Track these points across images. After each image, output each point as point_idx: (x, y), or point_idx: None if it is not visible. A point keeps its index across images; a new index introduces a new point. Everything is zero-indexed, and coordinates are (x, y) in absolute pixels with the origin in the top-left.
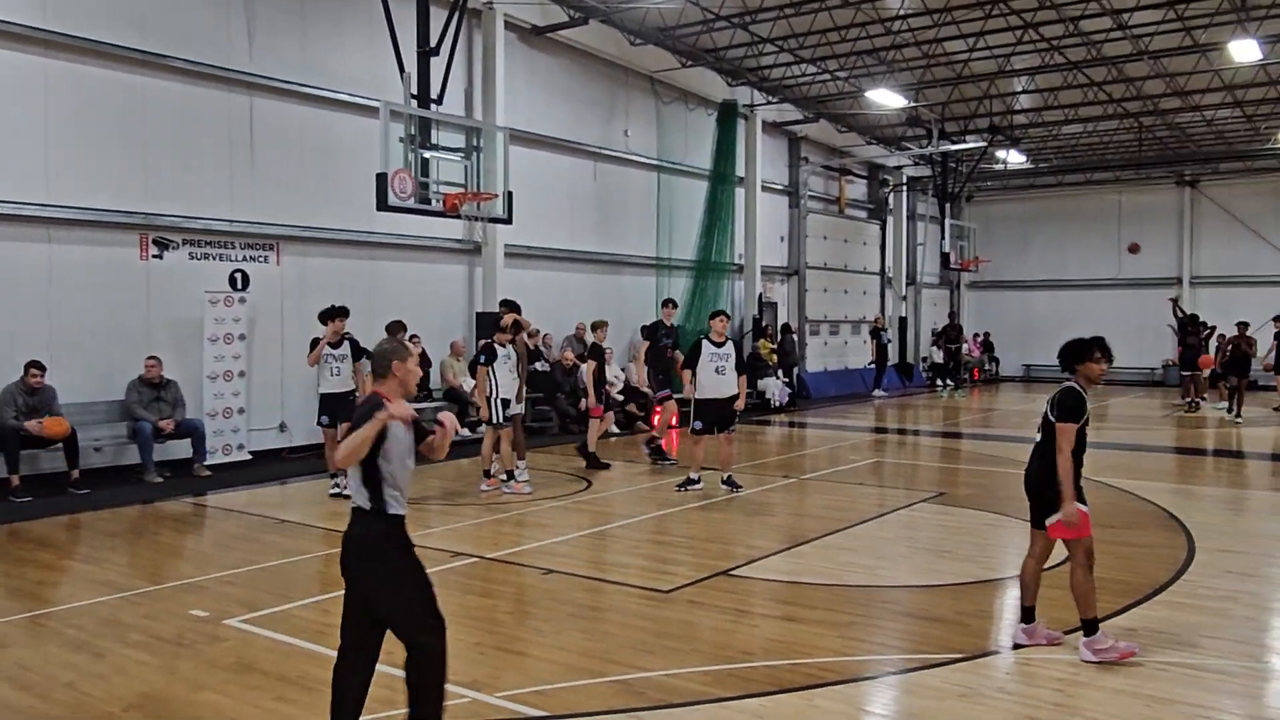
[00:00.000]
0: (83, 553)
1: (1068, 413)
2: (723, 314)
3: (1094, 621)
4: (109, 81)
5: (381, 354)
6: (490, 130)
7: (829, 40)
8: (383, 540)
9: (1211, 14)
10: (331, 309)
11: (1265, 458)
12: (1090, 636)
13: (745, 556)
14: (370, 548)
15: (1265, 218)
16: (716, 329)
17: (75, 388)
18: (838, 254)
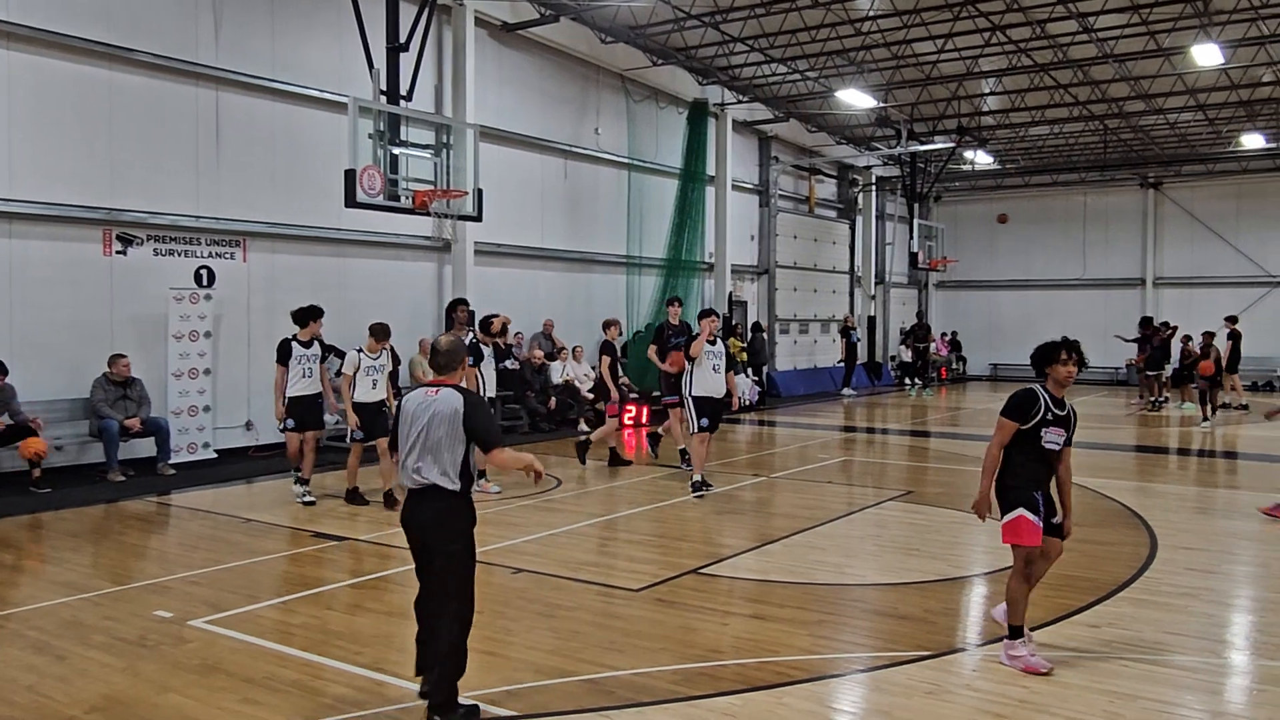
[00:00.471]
0: (44, 553)
1: (1009, 410)
2: (712, 312)
3: (1018, 629)
4: (72, 74)
5: (453, 349)
6: (460, 127)
7: (799, 40)
8: (467, 518)
9: (1175, 19)
10: (312, 309)
11: (1226, 456)
12: (1010, 640)
13: (715, 555)
14: (454, 523)
15: (1226, 220)
16: (708, 328)
17: (37, 386)
18: (807, 253)
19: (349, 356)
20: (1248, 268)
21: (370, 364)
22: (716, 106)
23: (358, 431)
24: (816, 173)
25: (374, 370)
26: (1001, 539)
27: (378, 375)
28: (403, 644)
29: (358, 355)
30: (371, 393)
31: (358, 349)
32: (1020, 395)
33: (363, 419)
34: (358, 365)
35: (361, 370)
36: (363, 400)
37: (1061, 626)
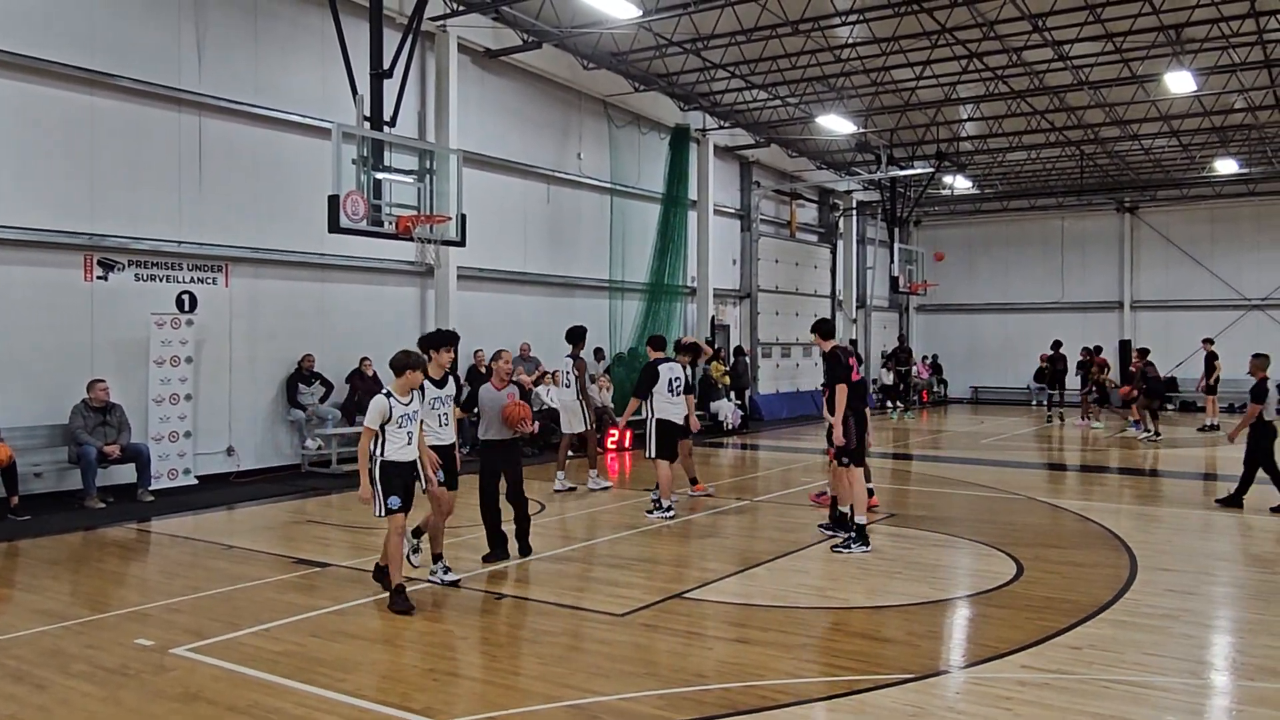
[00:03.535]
0: (23, 581)
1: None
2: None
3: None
4: (54, 100)
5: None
6: (443, 153)
7: (780, 67)
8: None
9: (1148, 46)
10: (444, 334)
11: (1200, 477)
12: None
13: (698, 579)
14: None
15: (1201, 244)
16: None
17: (15, 411)
18: (789, 277)
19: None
20: (1223, 291)
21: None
22: (698, 132)
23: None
24: (798, 197)
25: (439, 403)
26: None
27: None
28: (386, 670)
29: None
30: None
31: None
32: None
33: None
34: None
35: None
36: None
37: (1043, 648)
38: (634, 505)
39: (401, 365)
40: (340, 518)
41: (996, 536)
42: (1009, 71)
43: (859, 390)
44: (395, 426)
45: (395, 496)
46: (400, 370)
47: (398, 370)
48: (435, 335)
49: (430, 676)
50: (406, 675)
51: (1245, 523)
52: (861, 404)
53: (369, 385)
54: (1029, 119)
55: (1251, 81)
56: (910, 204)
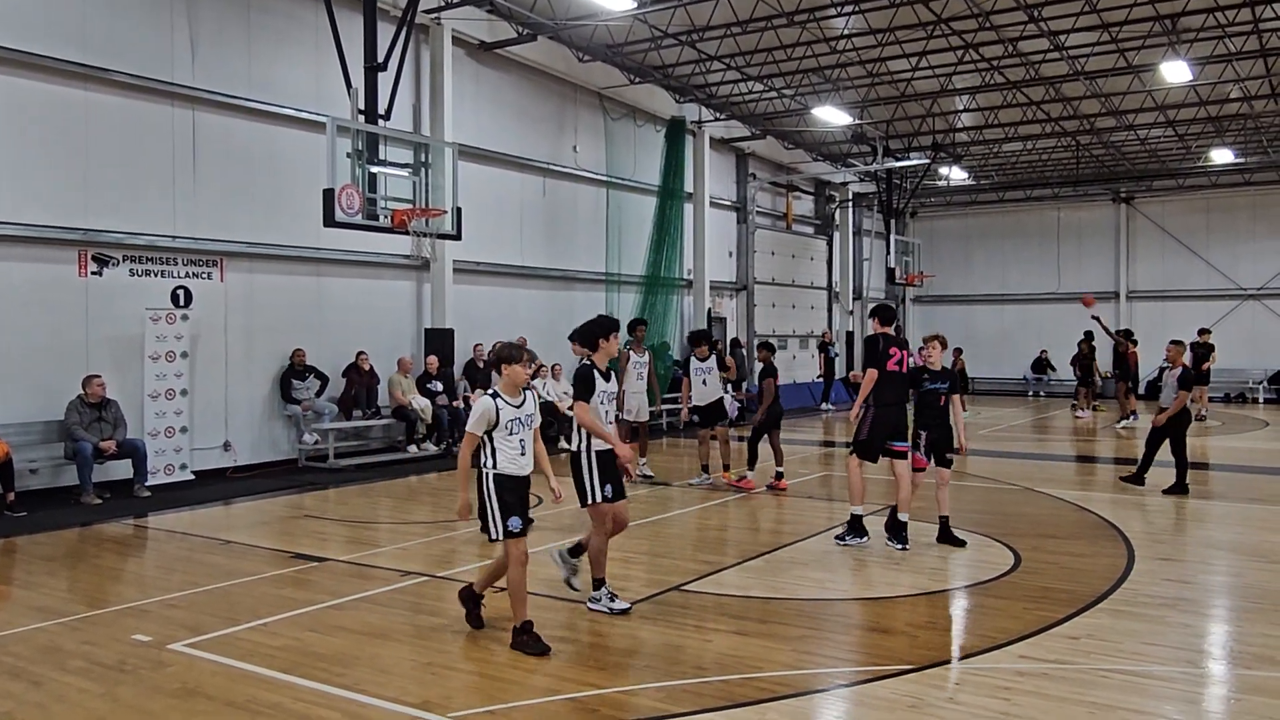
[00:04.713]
0: (19, 577)
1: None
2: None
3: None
4: (48, 94)
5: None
6: (438, 146)
7: (775, 58)
8: None
9: (1144, 36)
10: (609, 319)
11: (1198, 467)
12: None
13: (697, 572)
14: None
15: (1196, 233)
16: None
17: (11, 408)
18: (785, 269)
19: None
20: (1218, 281)
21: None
22: (694, 124)
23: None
24: (794, 189)
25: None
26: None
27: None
28: (384, 664)
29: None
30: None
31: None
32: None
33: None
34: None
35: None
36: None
37: (1042, 638)
38: (632, 499)
39: (500, 359)
40: (337, 512)
41: (994, 527)
42: (1005, 62)
43: (893, 381)
44: (505, 433)
45: (516, 517)
46: (499, 365)
47: (496, 366)
48: (606, 321)
49: (428, 670)
50: (404, 669)
51: (1241, 512)
52: (899, 397)
53: (365, 379)
54: (1025, 109)
55: (1247, 71)
56: (906, 195)
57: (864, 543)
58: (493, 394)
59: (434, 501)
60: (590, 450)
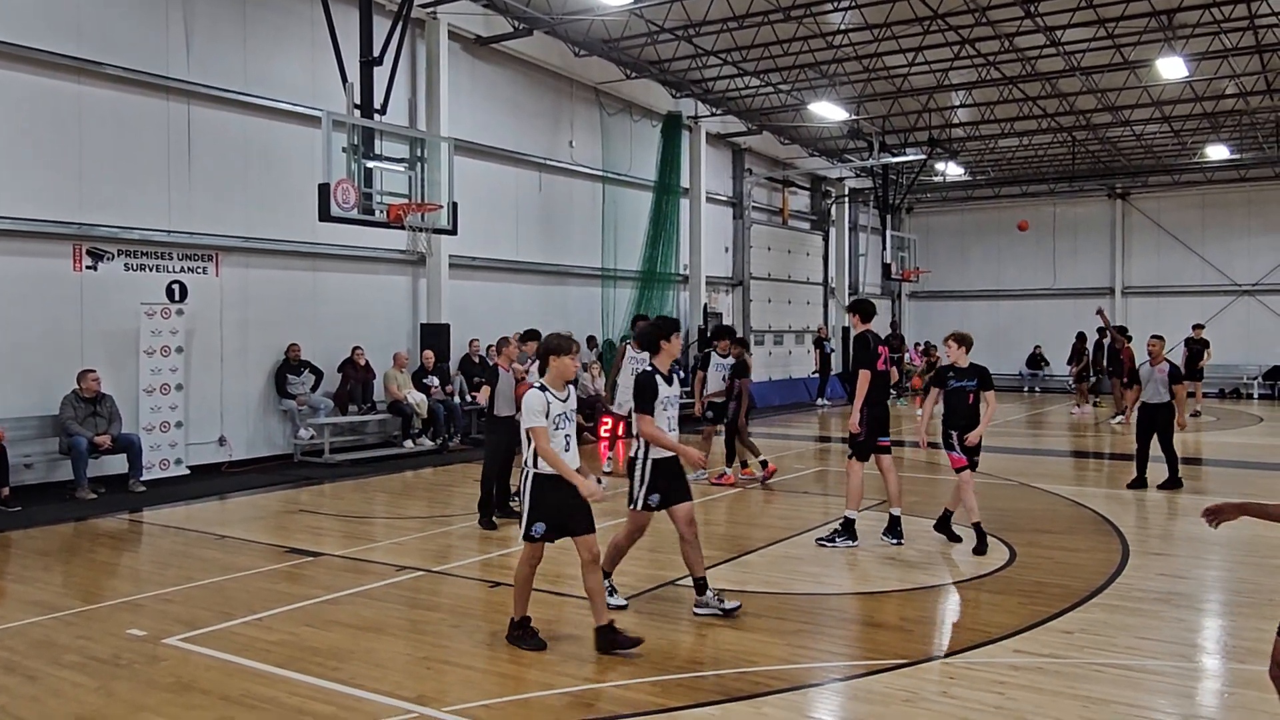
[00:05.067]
0: (13, 572)
1: None
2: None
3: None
4: (42, 88)
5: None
6: (434, 141)
7: (771, 53)
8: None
9: (1140, 32)
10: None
11: (1191, 463)
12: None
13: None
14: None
15: (1192, 229)
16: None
17: (5, 402)
18: (781, 265)
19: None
20: (1213, 276)
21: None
22: (690, 119)
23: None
24: (790, 185)
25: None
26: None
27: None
28: (380, 659)
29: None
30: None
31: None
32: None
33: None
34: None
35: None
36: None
37: (1036, 633)
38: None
39: (549, 350)
40: (333, 507)
41: (989, 522)
42: (1001, 58)
43: (882, 379)
44: (551, 428)
45: (541, 523)
46: (546, 357)
47: (544, 356)
48: (668, 321)
49: (424, 665)
50: (400, 664)
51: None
52: (882, 395)
53: (361, 374)
54: (1021, 105)
55: (1243, 67)
56: (902, 191)
57: (853, 546)
58: (540, 387)
59: (429, 496)
60: (648, 458)
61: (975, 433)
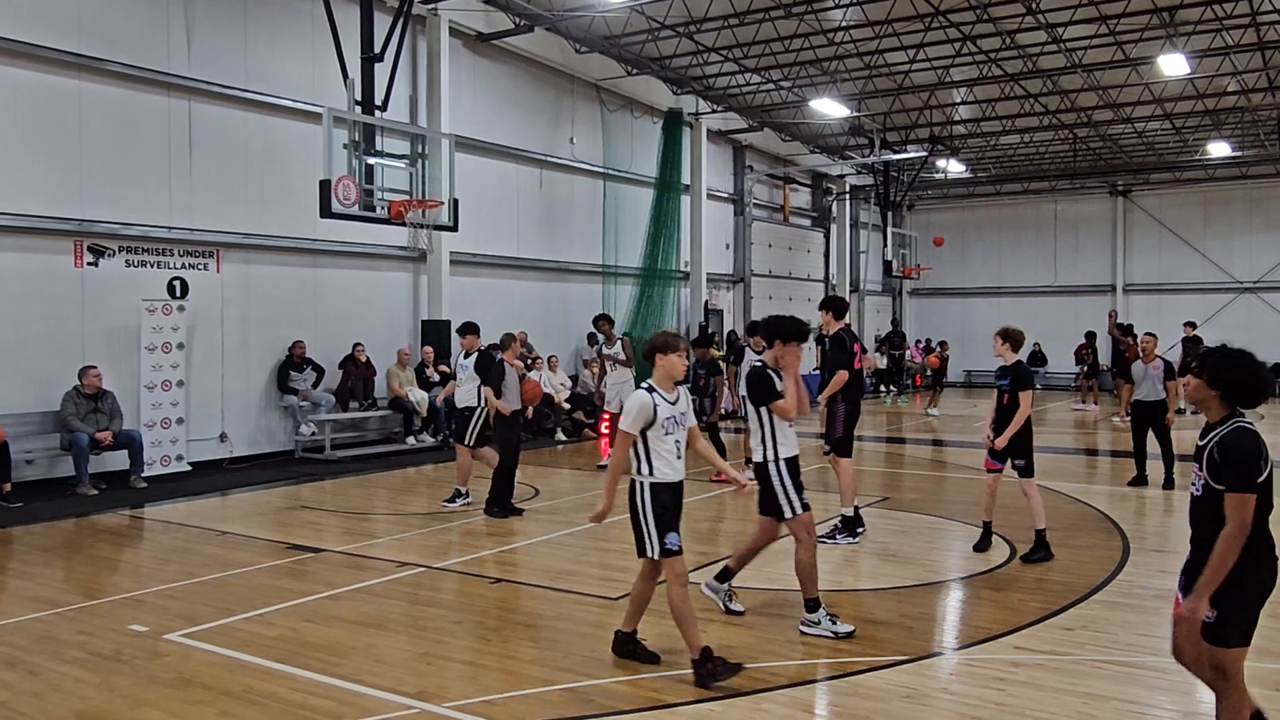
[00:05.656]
0: (15, 568)
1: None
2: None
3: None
4: (42, 85)
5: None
6: (435, 137)
7: (773, 50)
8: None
9: (1142, 29)
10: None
11: (1192, 461)
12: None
13: (692, 563)
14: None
15: (1193, 227)
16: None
17: (7, 399)
18: (782, 261)
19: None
20: (1214, 274)
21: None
22: (691, 116)
23: None
24: (791, 181)
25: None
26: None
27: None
28: (380, 655)
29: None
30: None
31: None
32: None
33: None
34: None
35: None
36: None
37: (1036, 629)
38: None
39: (655, 347)
40: (334, 503)
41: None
42: (1002, 55)
43: (860, 377)
44: (661, 433)
45: (674, 533)
46: (649, 357)
47: (649, 355)
48: (798, 324)
49: (424, 661)
50: (400, 659)
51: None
52: (858, 393)
53: (362, 371)
54: (1022, 102)
55: (1245, 64)
56: (903, 188)
57: (854, 542)
58: (648, 388)
59: (430, 493)
60: (779, 459)
61: (1002, 436)
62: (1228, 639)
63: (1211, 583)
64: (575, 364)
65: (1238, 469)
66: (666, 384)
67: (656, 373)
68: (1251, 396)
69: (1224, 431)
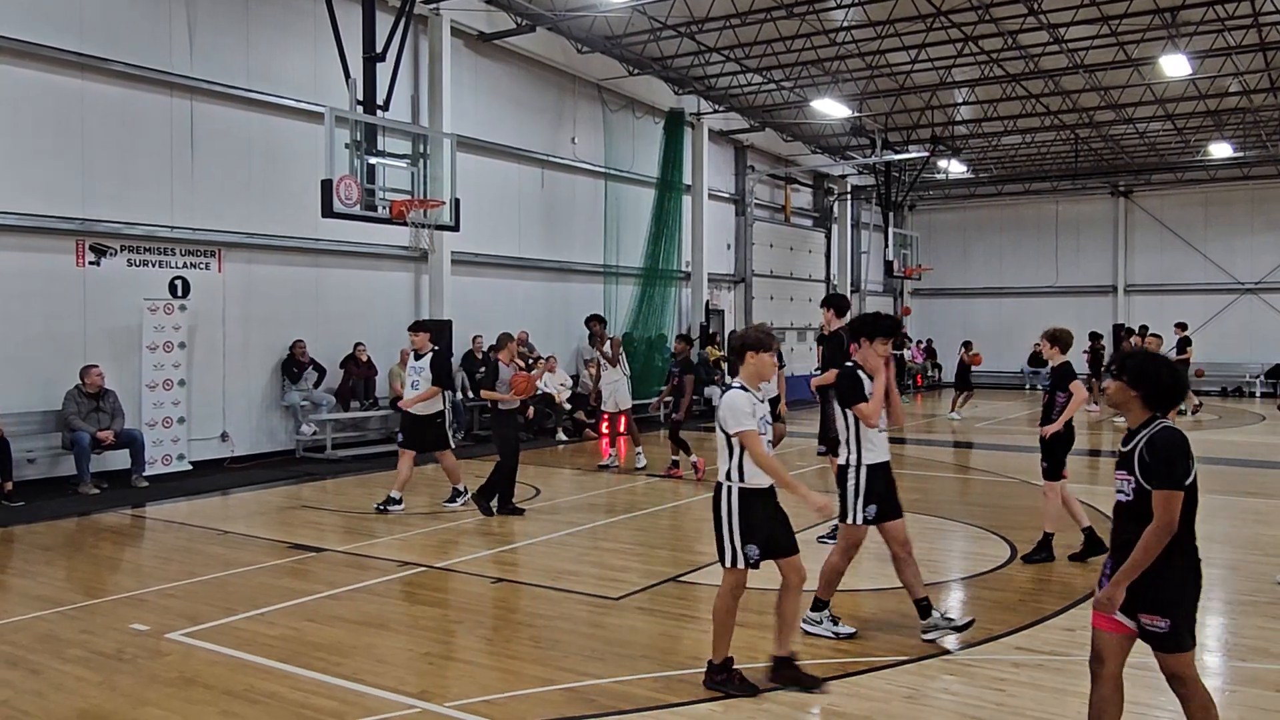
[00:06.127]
0: (17, 567)
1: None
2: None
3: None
4: (45, 84)
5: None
6: (437, 137)
7: (774, 50)
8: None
9: (1143, 30)
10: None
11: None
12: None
13: (694, 563)
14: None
15: (1194, 227)
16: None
17: (8, 398)
18: (783, 262)
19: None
20: (1216, 274)
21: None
22: (693, 116)
23: None
24: (792, 182)
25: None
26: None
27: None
28: (382, 654)
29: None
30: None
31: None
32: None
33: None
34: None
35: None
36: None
37: (1037, 630)
38: (629, 490)
39: (747, 345)
40: (335, 503)
41: (990, 520)
42: (1004, 55)
43: None
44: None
45: (755, 545)
46: (740, 355)
47: (740, 352)
48: (889, 320)
49: (425, 660)
50: (401, 659)
51: (1237, 506)
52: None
53: (363, 370)
54: (1024, 103)
55: (1246, 65)
56: (905, 188)
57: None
58: (741, 386)
59: (431, 492)
60: (860, 464)
61: (1049, 426)
62: (1182, 644)
63: (1130, 574)
64: (577, 364)
65: (1168, 465)
66: (755, 383)
67: (746, 370)
68: (1170, 398)
69: (1152, 431)
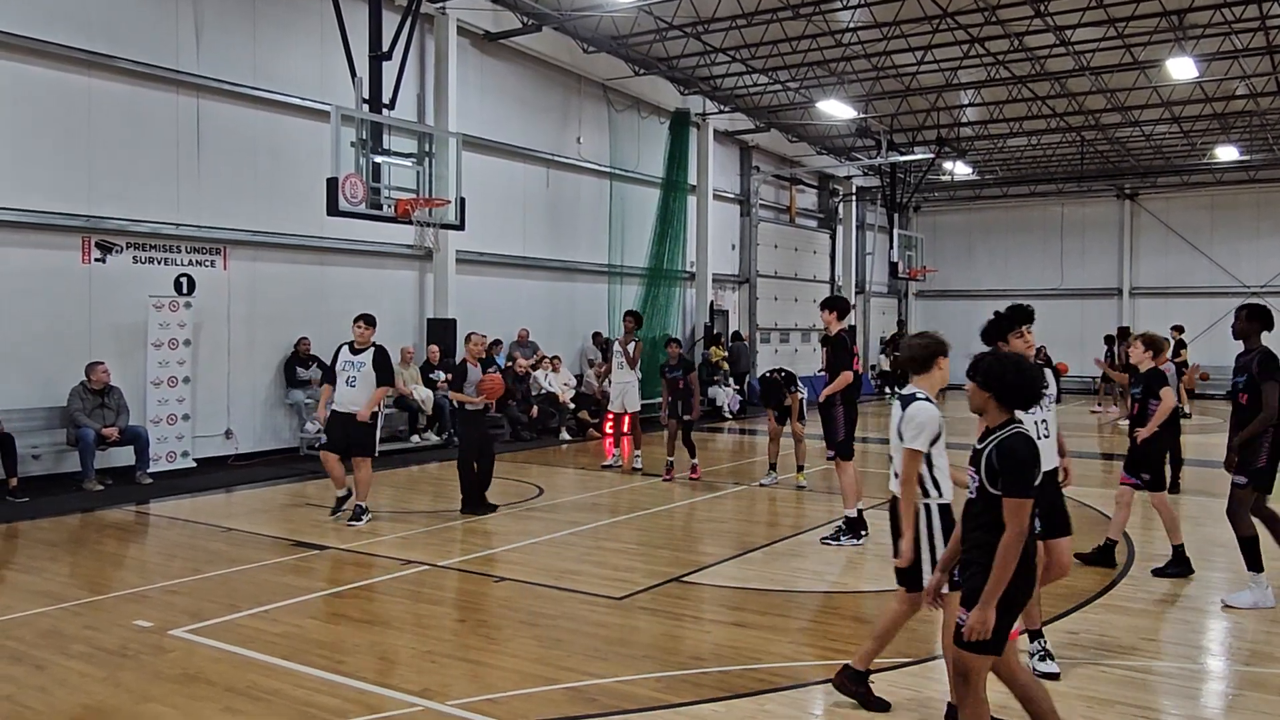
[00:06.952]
0: (21, 562)
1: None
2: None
3: None
4: (51, 81)
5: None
6: (442, 136)
7: (780, 51)
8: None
9: (1150, 32)
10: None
11: (1197, 464)
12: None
13: (696, 563)
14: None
15: (1200, 230)
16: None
17: (14, 394)
18: (788, 262)
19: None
20: (1221, 278)
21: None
22: (698, 116)
23: None
24: (797, 182)
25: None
26: None
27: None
28: (384, 652)
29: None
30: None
31: None
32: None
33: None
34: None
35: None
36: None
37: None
38: (630, 490)
39: (933, 351)
40: None
41: None
42: (1010, 57)
43: (859, 378)
44: (941, 447)
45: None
46: (927, 363)
47: (927, 361)
48: (1020, 311)
49: (428, 658)
50: (404, 657)
51: None
52: (856, 394)
53: None
54: (1030, 105)
55: (1253, 68)
56: (910, 189)
57: (858, 545)
58: (926, 398)
59: (435, 491)
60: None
61: (1144, 429)
62: (984, 645)
63: (995, 591)
64: (580, 364)
65: (1014, 474)
66: (936, 392)
67: (931, 379)
68: (1023, 398)
69: (1002, 437)
